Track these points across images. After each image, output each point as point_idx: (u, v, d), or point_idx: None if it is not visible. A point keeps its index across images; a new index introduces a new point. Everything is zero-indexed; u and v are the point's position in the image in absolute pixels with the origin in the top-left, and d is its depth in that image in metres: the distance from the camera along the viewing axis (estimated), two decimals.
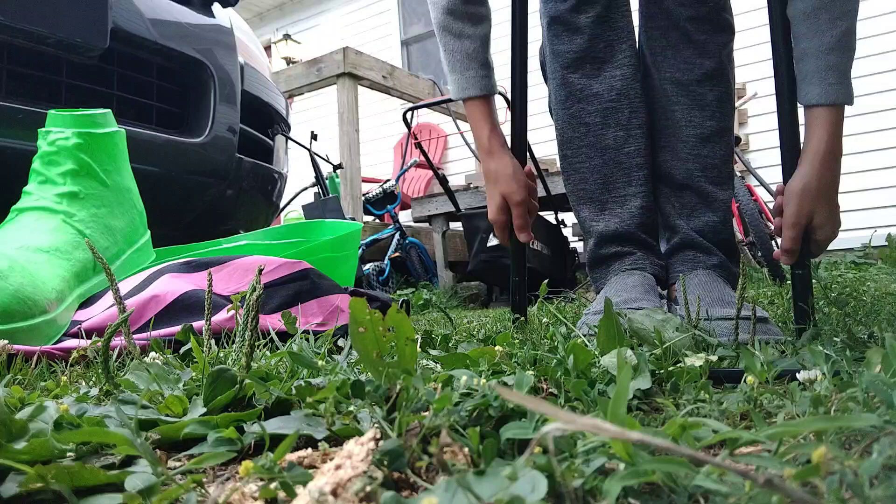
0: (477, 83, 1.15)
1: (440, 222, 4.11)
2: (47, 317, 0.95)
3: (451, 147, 6.69)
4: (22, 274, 0.93)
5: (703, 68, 1.17)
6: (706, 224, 1.18)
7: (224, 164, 1.80)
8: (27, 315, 0.90)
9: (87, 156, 1.11)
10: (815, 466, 0.29)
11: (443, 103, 4.18)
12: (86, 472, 0.36)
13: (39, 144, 1.13)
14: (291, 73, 4.24)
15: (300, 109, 7.28)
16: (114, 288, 0.76)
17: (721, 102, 1.18)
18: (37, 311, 0.92)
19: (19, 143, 1.36)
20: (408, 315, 1.20)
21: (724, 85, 1.18)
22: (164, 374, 0.60)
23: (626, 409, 0.36)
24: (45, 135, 1.12)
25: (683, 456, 0.29)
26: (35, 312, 0.92)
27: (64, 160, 1.09)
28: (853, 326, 0.92)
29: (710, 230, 1.18)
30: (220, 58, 1.80)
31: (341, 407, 0.50)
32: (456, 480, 0.30)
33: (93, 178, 1.12)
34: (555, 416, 0.26)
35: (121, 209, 1.16)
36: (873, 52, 4.61)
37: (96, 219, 1.10)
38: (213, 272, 1.03)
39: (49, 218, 1.06)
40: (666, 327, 0.80)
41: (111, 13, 1.50)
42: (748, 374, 0.57)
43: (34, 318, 0.92)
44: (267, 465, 0.35)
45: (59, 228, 1.05)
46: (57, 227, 1.05)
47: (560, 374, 0.61)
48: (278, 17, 8.34)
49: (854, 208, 4.63)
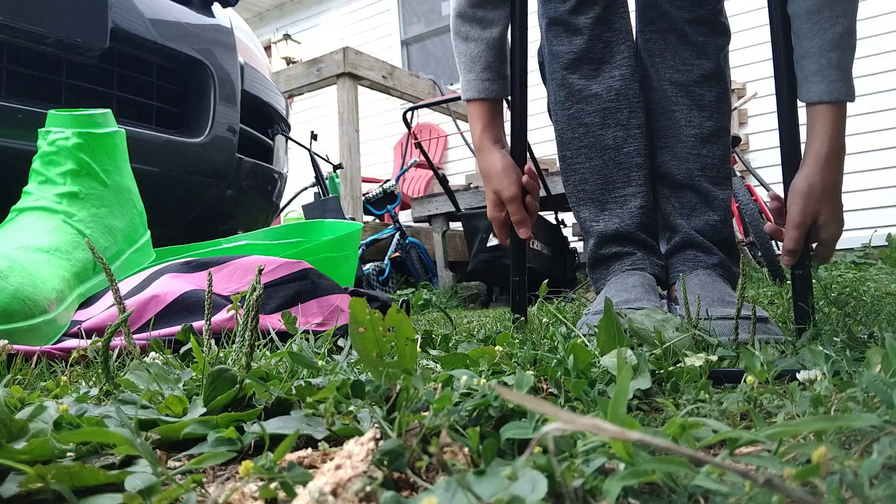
0: (476, 86, 1.16)
1: (440, 222, 4.11)
2: (47, 317, 0.95)
3: (451, 147, 6.69)
4: (22, 274, 0.93)
5: (702, 69, 1.18)
6: (706, 223, 1.19)
7: (224, 164, 1.80)
8: (27, 315, 0.90)
9: (87, 156, 1.11)
10: (815, 466, 0.29)
11: (443, 103, 4.18)
12: (86, 472, 0.36)
13: (39, 144, 1.13)
14: (291, 73, 4.24)
15: (300, 109, 7.28)
16: (114, 288, 0.76)
17: (719, 103, 1.19)
18: (37, 311, 0.92)
19: (19, 143, 1.36)
20: (408, 315, 1.19)
21: (722, 86, 1.20)
22: (164, 374, 0.60)
23: (626, 409, 0.36)
24: (45, 135, 1.12)
25: (683, 456, 0.29)
26: (35, 312, 0.92)
27: (64, 160, 1.09)
28: (853, 326, 0.92)
29: (711, 229, 1.19)
30: (220, 58, 1.80)
31: (341, 407, 0.50)
32: (456, 480, 0.30)
33: (93, 178, 1.12)
34: (555, 416, 0.26)
35: (121, 209, 1.16)
36: (873, 52, 4.61)
37: (96, 219, 1.10)
38: (212, 272, 1.03)
39: (49, 218, 1.06)
40: (666, 327, 0.80)
41: (111, 13, 1.50)
42: (748, 374, 0.57)
43: (34, 318, 0.92)
44: (267, 465, 0.35)
45: (59, 228, 1.05)
46: (57, 227, 1.05)
47: (560, 374, 0.61)
48: (278, 17, 8.34)
49: (854, 208, 4.63)
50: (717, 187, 1.19)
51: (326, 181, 3.72)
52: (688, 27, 1.17)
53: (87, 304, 1.11)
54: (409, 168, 4.17)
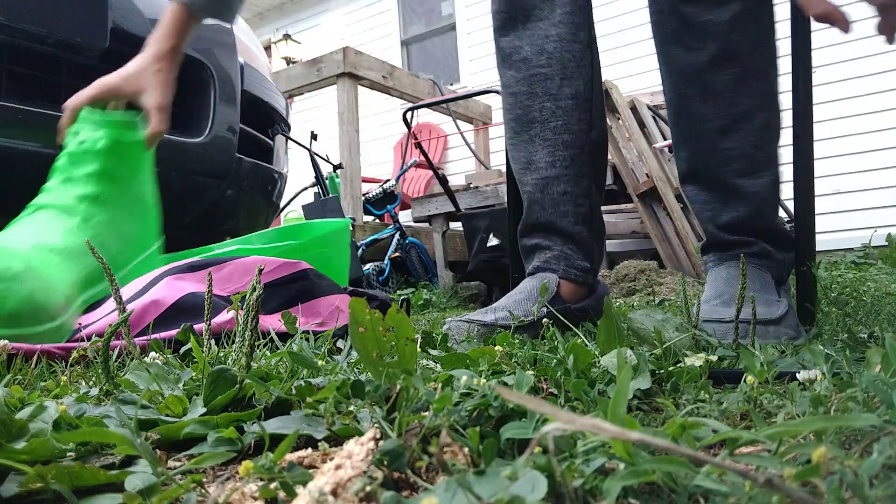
0: None
1: (440, 222, 4.11)
2: (53, 324, 0.94)
3: (451, 147, 6.69)
4: (36, 278, 0.92)
5: (708, 53, 1.03)
6: (734, 218, 1.07)
7: (224, 164, 1.80)
8: (35, 321, 0.89)
9: (114, 160, 1.10)
10: (815, 466, 0.29)
11: (443, 103, 4.18)
12: (86, 472, 0.36)
13: (67, 142, 1.12)
14: (291, 73, 4.24)
15: (300, 109, 7.27)
16: (114, 289, 0.76)
17: (738, 83, 1.03)
18: (45, 318, 0.91)
19: (19, 144, 1.36)
20: (408, 315, 1.19)
21: (737, 65, 1.04)
22: (163, 374, 0.60)
23: (626, 409, 0.36)
24: (75, 133, 1.11)
25: (683, 456, 0.29)
26: (43, 320, 0.91)
27: (91, 161, 1.08)
28: (853, 326, 0.92)
29: (740, 223, 1.07)
30: (220, 58, 1.80)
31: (341, 407, 0.50)
32: (456, 480, 0.30)
33: (115, 183, 1.11)
34: (555, 416, 0.26)
35: (138, 217, 1.15)
36: (873, 52, 4.61)
37: (112, 224, 1.09)
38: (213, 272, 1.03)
39: (67, 218, 1.05)
40: (666, 327, 0.80)
41: (111, 13, 1.50)
42: (748, 374, 0.57)
43: (41, 325, 0.91)
44: (267, 465, 0.35)
45: (75, 230, 1.04)
46: (73, 228, 1.04)
47: (560, 374, 0.61)
48: (278, 17, 8.34)
49: (854, 208, 4.63)
50: (749, 178, 1.05)
51: (326, 181, 3.72)
52: (686, 7, 1.03)
53: (90, 309, 1.11)
54: (409, 168, 4.17)
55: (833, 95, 4.70)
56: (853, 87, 4.68)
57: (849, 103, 4.69)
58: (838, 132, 4.67)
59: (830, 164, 4.63)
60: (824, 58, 4.71)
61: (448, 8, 6.87)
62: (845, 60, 4.69)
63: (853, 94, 4.68)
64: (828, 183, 4.62)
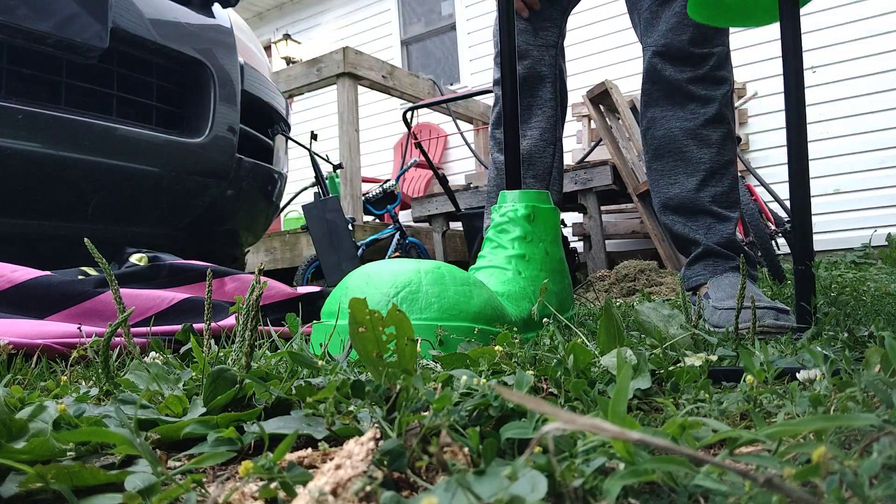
0: None
1: (440, 222, 4.11)
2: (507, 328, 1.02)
3: (451, 147, 6.69)
4: (489, 291, 1.06)
5: (707, 115, 1.35)
6: (722, 236, 1.34)
7: (224, 164, 1.80)
8: (492, 321, 1.01)
9: (532, 225, 1.24)
10: (815, 466, 0.29)
11: (443, 103, 4.18)
12: (86, 472, 0.36)
13: (493, 217, 1.29)
14: (291, 73, 4.24)
15: (300, 109, 7.27)
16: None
17: (724, 140, 1.36)
18: (499, 323, 1.02)
19: (19, 144, 1.36)
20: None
21: (726, 125, 1.36)
22: (163, 374, 0.60)
23: (626, 409, 0.36)
24: (498, 209, 1.29)
25: (683, 455, 0.29)
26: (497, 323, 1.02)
27: (513, 228, 1.24)
28: (853, 326, 0.92)
29: (727, 241, 1.34)
30: (220, 58, 1.80)
31: (341, 407, 0.50)
32: (456, 480, 0.30)
33: (536, 245, 1.24)
34: (555, 416, 0.26)
35: (556, 277, 1.26)
36: (873, 52, 4.61)
37: (538, 280, 1.21)
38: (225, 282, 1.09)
39: (502, 274, 1.21)
40: (671, 323, 0.80)
41: (111, 13, 1.50)
42: (748, 373, 0.57)
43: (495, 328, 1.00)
44: (267, 465, 0.35)
45: (511, 281, 1.19)
46: (509, 279, 1.19)
47: (560, 373, 0.61)
48: (278, 17, 8.34)
49: (854, 208, 4.63)
50: (728, 210, 1.36)
51: (326, 181, 3.72)
52: (691, 85, 1.33)
53: None
54: (409, 168, 4.17)
55: (833, 95, 4.70)
56: (853, 87, 4.68)
57: (848, 103, 4.68)
58: (838, 132, 4.67)
59: (830, 164, 4.63)
60: (824, 58, 4.71)
61: (448, 8, 6.87)
62: (845, 60, 4.69)
63: (853, 94, 4.68)
64: (827, 183, 4.62)
